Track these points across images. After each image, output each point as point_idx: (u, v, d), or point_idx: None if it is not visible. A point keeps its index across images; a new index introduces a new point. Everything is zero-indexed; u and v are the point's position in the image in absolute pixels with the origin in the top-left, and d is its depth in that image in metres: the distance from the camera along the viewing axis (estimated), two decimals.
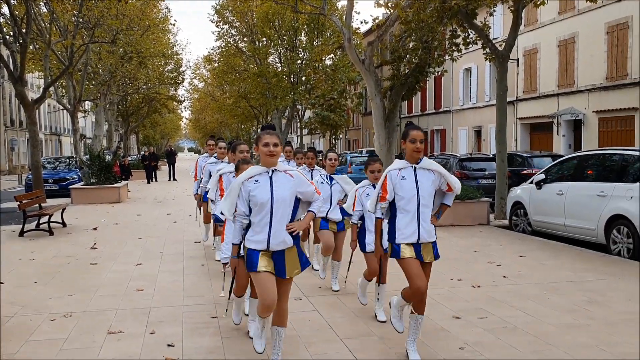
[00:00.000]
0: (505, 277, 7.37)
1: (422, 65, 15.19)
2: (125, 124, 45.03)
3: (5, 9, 16.78)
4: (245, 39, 36.35)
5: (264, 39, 34.81)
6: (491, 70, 29.18)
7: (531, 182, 11.36)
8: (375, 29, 17.92)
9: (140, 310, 6.01)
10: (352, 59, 15.56)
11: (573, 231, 9.96)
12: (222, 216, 5.19)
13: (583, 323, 5.45)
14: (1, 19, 16.78)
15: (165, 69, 37.48)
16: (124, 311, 5.97)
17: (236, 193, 4.05)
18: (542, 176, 11.00)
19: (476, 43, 15.00)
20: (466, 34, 14.90)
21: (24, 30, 15.19)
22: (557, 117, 25.83)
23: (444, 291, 6.63)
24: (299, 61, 34.48)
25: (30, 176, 18.91)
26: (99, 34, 22.66)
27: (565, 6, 25.42)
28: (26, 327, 5.45)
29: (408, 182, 4.40)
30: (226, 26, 36.37)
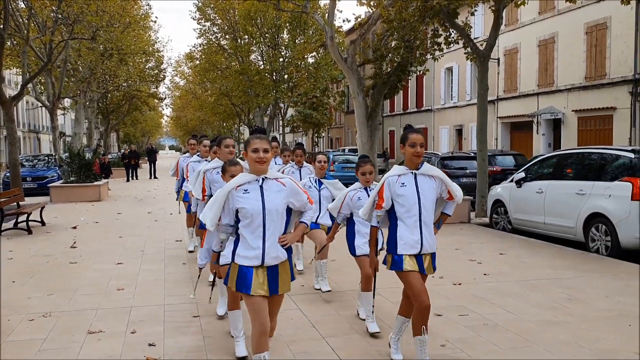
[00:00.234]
0: (486, 275, 7.43)
1: (404, 64, 15.24)
2: (105, 122, 44.51)
3: None
4: (227, 37, 36.15)
5: (246, 37, 34.67)
6: (472, 69, 29.41)
7: (511, 181, 11.48)
8: (357, 28, 17.94)
9: (121, 309, 5.95)
10: (335, 58, 15.54)
11: (552, 229, 10.08)
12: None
13: (562, 320, 5.52)
14: None
15: (146, 66, 37.13)
16: (105, 311, 5.91)
17: (221, 203, 3.72)
18: (522, 175, 11.11)
19: (457, 42, 15.12)
20: (448, 34, 15.00)
21: (1, 25, 14.91)
22: (537, 116, 26.14)
23: None
24: (282, 59, 34.42)
25: (8, 174, 18.62)
26: (79, 30, 22.34)
27: (545, 6, 25.71)
28: (4, 328, 5.36)
29: (408, 189, 4.13)
30: (208, 23, 36.13)
